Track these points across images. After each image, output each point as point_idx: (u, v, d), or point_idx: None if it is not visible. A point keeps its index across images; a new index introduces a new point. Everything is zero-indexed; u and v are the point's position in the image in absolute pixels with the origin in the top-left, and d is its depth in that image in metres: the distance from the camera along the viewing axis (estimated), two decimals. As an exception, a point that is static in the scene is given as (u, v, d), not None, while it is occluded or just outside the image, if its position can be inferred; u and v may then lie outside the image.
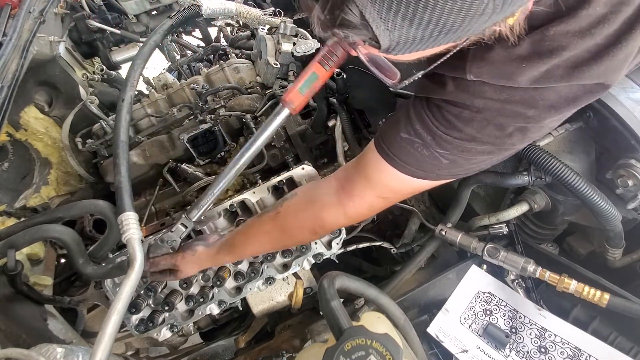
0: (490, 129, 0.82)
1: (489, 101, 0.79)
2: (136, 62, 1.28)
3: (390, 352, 0.72)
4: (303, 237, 1.15)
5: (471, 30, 0.55)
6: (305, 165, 1.28)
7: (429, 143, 0.86)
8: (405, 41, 0.55)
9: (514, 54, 0.74)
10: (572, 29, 0.70)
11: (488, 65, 0.76)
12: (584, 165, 1.11)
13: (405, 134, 0.88)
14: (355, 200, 0.99)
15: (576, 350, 1.07)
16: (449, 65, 0.80)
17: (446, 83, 0.82)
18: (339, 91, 1.42)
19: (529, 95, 0.77)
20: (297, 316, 1.42)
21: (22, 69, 1.23)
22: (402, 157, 0.89)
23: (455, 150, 0.85)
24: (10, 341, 0.95)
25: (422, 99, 0.88)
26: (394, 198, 1.01)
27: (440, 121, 0.84)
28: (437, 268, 1.40)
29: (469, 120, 0.82)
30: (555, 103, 0.78)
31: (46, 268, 1.36)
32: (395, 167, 0.91)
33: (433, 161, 0.88)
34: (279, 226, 1.09)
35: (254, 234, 1.14)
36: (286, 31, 1.57)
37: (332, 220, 1.04)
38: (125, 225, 1.05)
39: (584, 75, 0.74)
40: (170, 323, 1.27)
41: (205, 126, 1.48)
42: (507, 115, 0.80)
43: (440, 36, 0.54)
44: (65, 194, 1.57)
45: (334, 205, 1.01)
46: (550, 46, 0.72)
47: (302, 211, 1.07)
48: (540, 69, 0.74)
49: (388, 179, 0.93)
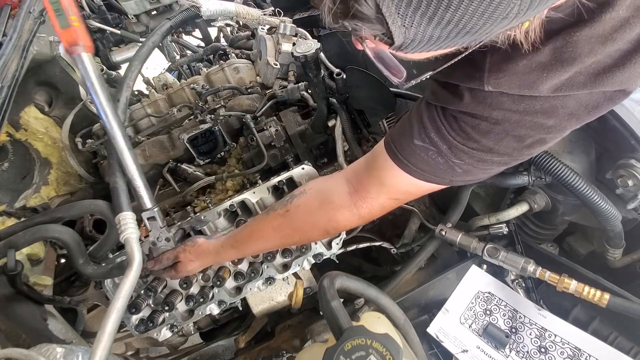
0: (508, 141, 0.80)
1: (507, 112, 0.77)
2: (133, 63, 1.28)
3: (390, 352, 0.72)
4: (315, 236, 1.16)
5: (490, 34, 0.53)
6: (305, 165, 1.28)
7: (445, 152, 0.85)
8: (421, 40, 0.53)
9: (534, 62, 0.71)
10: (596, 34, 0.67)
11: (508, 75, 0.73)
12: (584, 165, 1.11)
13: (420, 141, 0.87)
14: (369, 202, 0.99)
15: (576, 350, 1.07)
16: (465, 76, 0.78)
17: (463, 94, 0.80)
18: (339, 91, 1.42)
19: (549, 104, 0.75)
20: (297, 316, 1.42)
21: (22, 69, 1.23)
22: (416, 163, 0.89)
23: (471, 160, 0.84)
24: (10, 341, 0.95)
25: (437, 107, 0.86)
26: (405, 199, 1.02)
27: (457, 132, 0.82)
28: (437, 268, 1.40)
29: (487, 132, 0.80)
30: (575, 111, 0.76)
31: (46, 268, 1.36)
32: (409, 173, 0.91)
33: (447, 169, 0.87)
34: (288, 224, 1.09)
35: (261, 230, 1.13)
36: (286, 31, 1.57)
37: (345, 221, 1.04)
38: (123, 225, 1.05)
39: (606, 82, 0.71)
40: (170, 323, 1.27)
41: (205, 126, 1.48)
42: (526, 126, 0.78)
43: (457, 37, 0.52)
44: (65, 194, 1.57)
45: (347, 207, 1.02)
46: (574, 52, 0.68)
47: (314, 211, 1.07)
48: (562, 77, 0.71)
49: (401, 184, 0.94)
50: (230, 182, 1.50)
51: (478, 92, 0.77)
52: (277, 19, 1.62)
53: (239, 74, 1.73)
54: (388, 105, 1.45)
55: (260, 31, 1.63)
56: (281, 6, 1.76)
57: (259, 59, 1.66)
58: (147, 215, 1.15)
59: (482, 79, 0.74)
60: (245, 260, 1.29)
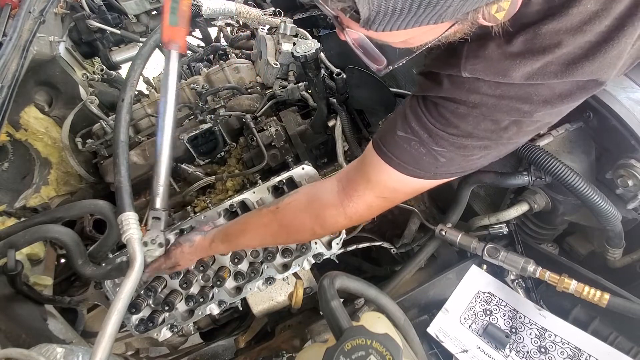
0: (486, 124, 0.83)
1: (484, 97, 0.80)
2: (136, 62, 1.28)
3: (390, 352, 0.72)
4: (302, 236, 1.15)
5: (451, 8, 0.56)
6: (305, 165, 1.28)
7: (426, 140, 0.86)
8: (385, 12, 0.56)
9: (507, 52, 0.75)
10: (563, 27, 0.72)
11: (483, 62, 0.77)
12: (584, 165, 1.11)
13: (402, 132, 0.88)
14: (355, 200, 0.98)
15: (576, 350, 1.07)
16: (444, 63, 0.82)
17: (442, 81, 0.83)
18: (339, 91, 1.42)
19: (523, 91, 0.79)
20: (297, 316, 1.42)
21: (22, 69, 1.23)
22: (399, 155, 0.89)
23: (452, 147, 0.86)
24: (10, 341, 0.95)
25: (419, 97, 0.89)
26: (393, 198, 1.01)
27: (437, 118, 0.85)
28: (437, 268, 1.40)
29: (465, 115, 0.82)
30: (549, 98, 0.80)
31: (46, 268, 1.36)
32: (393, 166, 0.91)
33: (430, 159, 0.88)
34: (277, 221, 1.09)
35: (250, 225, 1.14)
36: (286, 31, 1.57)
37: (332, 220, 1.03)
38: (125, 225, 1.05)
39: (577, 72, 0.75)
40: (170, 323, 1.27)
41: (205, 126, 1.48)
42: (502, 110, 0.81)
43: (419, 10, 0.56)
44: (65, 194, 1.57)
45: (334, 205, 1.01)
46: (543, 44, 0.73)
47: (302, 209, 1.07)
48: (533, 66, 0.75)
49: (387, 179, 0.93)
50: (230, 182, 1.50)
51: (456, 78, 0.81)
52: (277, 19, 1.62)
53: (239, 74, 1.73)
54: (388, 105, 1.45)
55: (260, 31, 1.64)
56: (281, 6, 1.76)
57: (259, 59, 1.66)
58: (153, 215, 1.14)
59: (459, 65, 0.79)
60: (245, 260, 1.29)
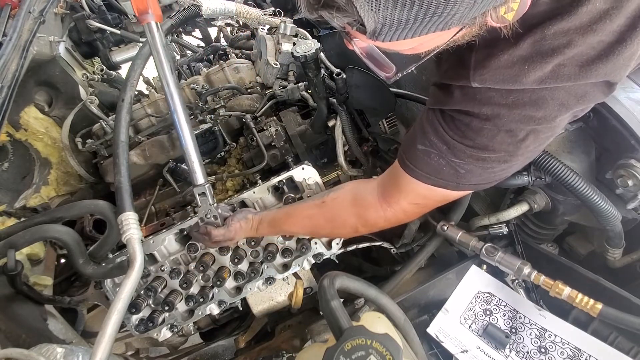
0: (501, 137, 0.82)
1: (496, 107, 0.79)
2: (136, 62, 1.28)
3: (390, 352, 0.72)
4: (344, 231, 1.18)
5: (457, 15, 0.55)
6: (305, 165, 1.28)
7: (444, 153, 0.88)
8: (391, 24, 0.55)
9: (515, 56, 0.74)
10: (572, 26, 0.70)
11: (491, 71, 0.76)
12: (584, 165, 1.11)
13: (422, 145, 0.91)
14: (393, 206, 1.03)
15: (576, 350, 1.07)
16: (455, 74, 0.82)
17: (453, 92, 0.84)
18: (339, 91, 1.41)
19: (537, 96, 0.77)
20: (297, 316, 1.42)
21: (22, 69, 1.23)
22: (422, 167, 0.92)
23: (470, 159, 0.86)
24: (10, 341, 0.95)
25: (436, 110, 0.90)
26: (426, 204, 1.04)
27: (454, 130, 0.85)
28: (437, 268, 1.40)
29: (479, 129, 0.82)
30: (565, 101, 0.78)
31: (46, 268, 1.36)
32: (417, 178, 0.94)
33: (450, 170, 0.90)
34: (322, 214, 1.14)
35: (296, 215, 1.18)
36: (286, 31, 1.57)
37: (373, 221, 1.08)
38: (125, 225, 1.05)
39: (591, 74, 0.73)
40: (170, 323, 1.27)
41: (205, 126, 1.48)
42: (516, 120, 0.80)
43: (425, 19, 0.54)
44: (65, 194, 1.57)
45: (375, 208, 1.06)
46: (552, 45, 0.72)
47: (347, 207, 1.11)
48: (544, 69, 0.73)
49: (415, 189, 0.97)
50: (230, 182, 1.50)
51: (467, 89, 0.81)
52: (277, 19, 1.62)
53: (239, 74, 1.72)
54: (388, 105, 1.45)
55: (260, 31, 1.63)
56: (281, 6, 1.76)
57: (259, 59, 1.66)
58: (198, 191, 1.15)
59: (468, 76, 0.78)
60: (245, 260, 1.29)
